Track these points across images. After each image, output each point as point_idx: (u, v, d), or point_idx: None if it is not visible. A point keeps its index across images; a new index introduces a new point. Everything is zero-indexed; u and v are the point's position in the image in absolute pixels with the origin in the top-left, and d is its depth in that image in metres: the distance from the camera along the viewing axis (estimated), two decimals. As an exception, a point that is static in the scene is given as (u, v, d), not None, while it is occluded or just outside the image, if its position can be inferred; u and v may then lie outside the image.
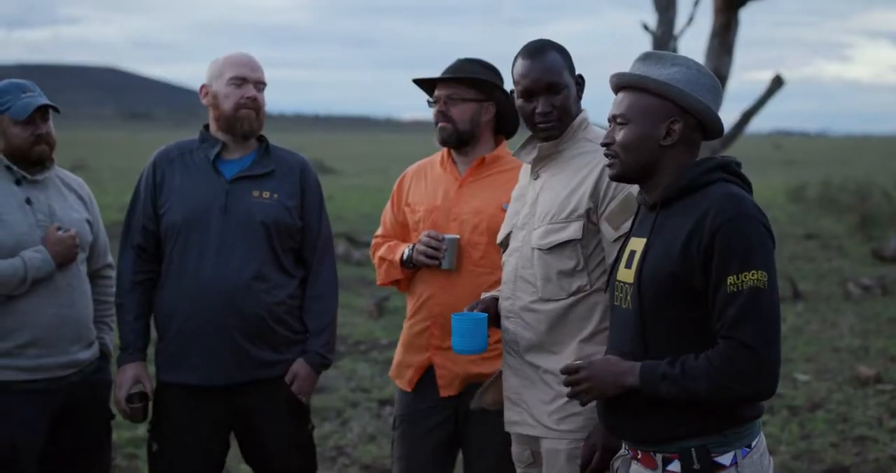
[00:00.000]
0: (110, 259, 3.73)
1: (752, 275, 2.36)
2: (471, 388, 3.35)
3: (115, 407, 3.60)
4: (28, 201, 3.44)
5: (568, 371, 2.54)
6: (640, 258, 2.50)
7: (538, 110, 3.00)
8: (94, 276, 3.65)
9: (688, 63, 2.51)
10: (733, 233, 2.36)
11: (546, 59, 3.00)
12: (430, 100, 3.54)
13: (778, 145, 69.75)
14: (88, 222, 3.59)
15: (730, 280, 2.35)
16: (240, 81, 3.51)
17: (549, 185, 3.03)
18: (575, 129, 3.05)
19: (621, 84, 2.55)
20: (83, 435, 3.54)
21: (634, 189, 2.72)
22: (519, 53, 3.05)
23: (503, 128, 3.58)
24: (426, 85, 3.58)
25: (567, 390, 2.90)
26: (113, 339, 3.72)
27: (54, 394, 3.44)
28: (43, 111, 3.46)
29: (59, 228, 3.44)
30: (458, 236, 3.42)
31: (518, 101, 3.05)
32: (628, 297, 2.51)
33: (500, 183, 3.48)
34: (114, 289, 3.68)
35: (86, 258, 3.59)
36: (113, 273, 3.71)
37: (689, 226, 2.41)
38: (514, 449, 3.13)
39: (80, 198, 3.62)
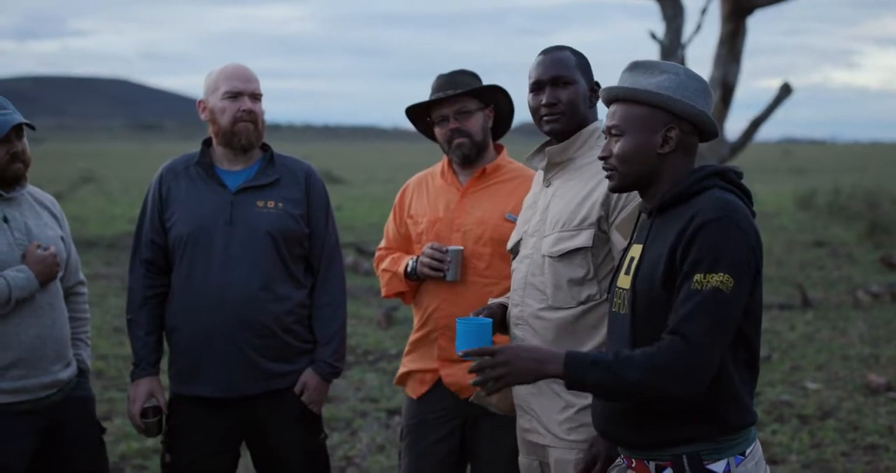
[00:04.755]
0: (82, 276, 3.67)
1: (718, 277, 2.34)
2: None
3: (128, 421, 3.57)
4: (5, 219, 3.37)
5: (483, 353, 2.45)
6: (637, 264, 2.51)
7: (543, 101, 3.00)
8: (67, 294, 3.57)
9: (675, 69, 2.53)
10: (711, 233, 2.36)
11: (557, 54, 3.03)
12: (436, 120, 3.49)
13: (787, 153, 69.64)
14: (62, 239, 3.52)
15: (696, 278, 2.35)
16: (234, 94, 3.49)
17: (561, 193, 3.03)
18: (587, 137, 3.05)
19: (612, 97, 2.56)
20: (74, 454, 3.48)
21: None
22: (537, 55, 3.07)
23: (495, 131, 3.60)
24: (417, 111, 3.55)
25: (578, 400, 2.88)
26: (90, 355, 3.67)
27: (38, 415, 3.38)
28: (17, 129, 3.37)
29: (38, 246, 3.37)
30: (461, 247, 3.42)
31: (528, 97, 3.06)
32: (625, 303, 2.52)
33: (502, 192, 3.48)
34: (87, 306, 3.66)
35: (62, 276, 3.51)
36: (85, 289, 3.67)
37: (677, 230, 2.41)
38: (523, 460, 3.12)
39: (54, 216, 3.55)
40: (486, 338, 2.96)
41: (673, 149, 2.50)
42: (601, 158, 2.57)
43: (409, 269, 3.49)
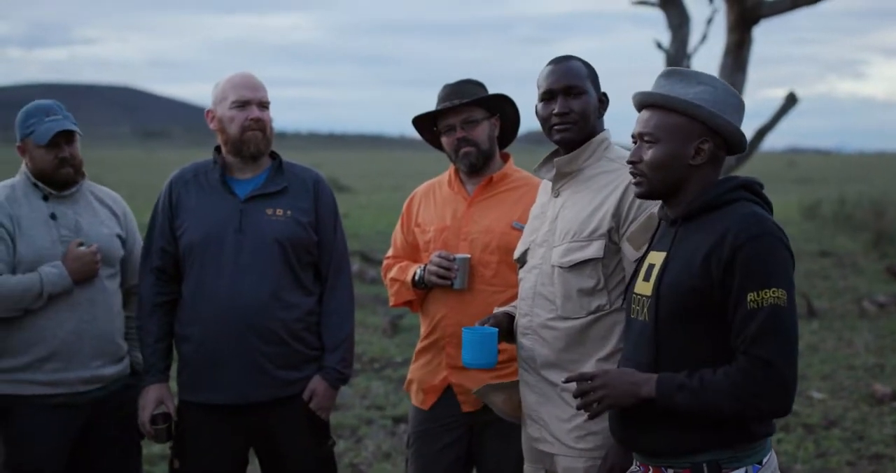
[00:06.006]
0: None
1: (772, 293, 2.38)
2: (487, 407, 3.35)
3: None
4: (53, 216, 3.47)
5: (583, 377, 2.52)
6: (660, 271, 2.52)
7: (555, 111, 3.00)
8: (130, 293, 3.65)
9: (713, 82, 2.53)
10: (754, 250, 2.39)
11: (568, 64, 3.04)
12: (443, 129, 3.53)
13: (792, 162, 69.56)
14: (120, 237, 3.60)
15: (750, 297, 2.37)
16: (242, 104, 3.52)
17: (571, 203, 3.03)
18: (595, 147, 3.05)
19: (648, 102, 2.56)
20: (112, 452, 3.55)
21: (656, 209, 2.73)
22: (546, 65, 3.08)
23: (502, 140, 3.62)
24: (424, 121, 3.59)
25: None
26: None
27: (77, 409, 3.46)
28: (67, 134, 3.49)
29: (80, 244, 3.46)
30: (468, 256, 3.44)
31: (538, 105, 3.06)
32: (645, 310, 2.53)
33: (508, 201, 3.51)
34: None
35: (115, 273, 3.59)
36: None
37: (711, 242, 2.43)
38: (528, 468, 3.13)
39: (114, 214, 3.63)
40: (492, 348, 2.98)
41: (704, 161, 2.52)
42: (630, 163, 2.58)
43: (416, 278, 3.51)
